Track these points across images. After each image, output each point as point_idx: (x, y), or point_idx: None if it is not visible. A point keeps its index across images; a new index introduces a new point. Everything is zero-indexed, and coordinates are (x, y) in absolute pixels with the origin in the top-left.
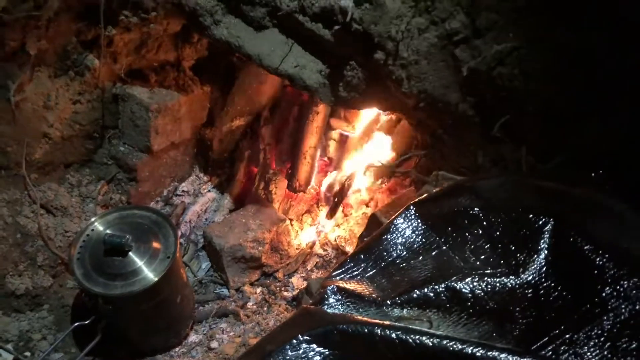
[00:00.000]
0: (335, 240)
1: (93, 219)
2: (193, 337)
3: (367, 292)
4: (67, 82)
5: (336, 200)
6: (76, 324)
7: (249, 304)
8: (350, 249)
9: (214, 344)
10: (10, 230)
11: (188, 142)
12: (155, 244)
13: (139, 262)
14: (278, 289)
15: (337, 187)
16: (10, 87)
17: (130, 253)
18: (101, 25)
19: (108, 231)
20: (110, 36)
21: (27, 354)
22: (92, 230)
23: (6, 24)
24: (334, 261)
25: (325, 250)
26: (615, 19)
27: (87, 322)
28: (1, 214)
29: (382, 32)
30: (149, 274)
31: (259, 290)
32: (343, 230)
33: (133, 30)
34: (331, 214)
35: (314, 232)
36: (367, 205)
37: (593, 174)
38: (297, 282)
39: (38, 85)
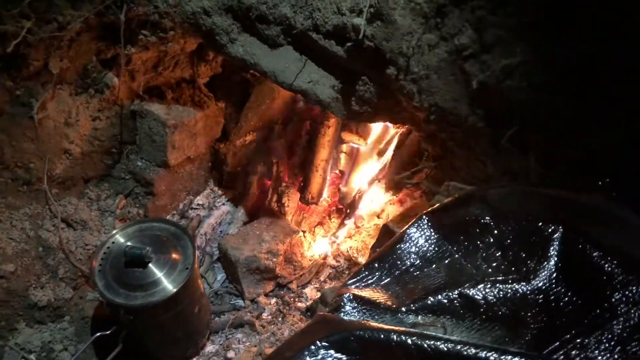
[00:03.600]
0: (347, 251)
1: (114, 232)
2: (210, 348)
3: (382, 300)
4: (87, 99)
5: (348, 212)
6: (98, 334)
7: (264, 315)
8: (362, 259)
9: (231, 354)
10: (32, 244)
11: (203, 156)
12: (174, 256)
13: (159, 274)
14: (292, 299)
15: (348, 200)
16: (33, 105)
17: (150, 264)
18: (121, 44)
19: (129, 243)
20: (129, 55)
21: None
22: (113, 242)
23: (31, 44)
24: (347, 272)
25: (337, 261)
26: (618, 32)
27: (107, 332)
28: (23, 227)
29: (394, 48)
30: (169, 285)
31: (273, 301)
32: (355, 241)
33: (151, 49)
34: (342, 226)
35: (327, 243)
36: (378, 217)
37: (600, 182)
38: (311, 292)
39: (59, 103)
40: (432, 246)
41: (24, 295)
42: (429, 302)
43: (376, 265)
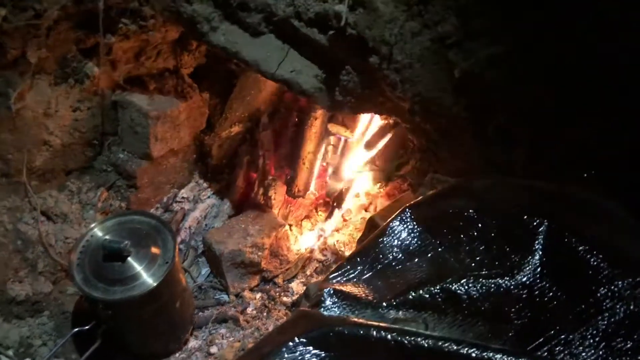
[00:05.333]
0: (334, 245)
1: (92, 225)
2: (193, 343)
3: (364, 295)
4: (67, 89)
5: (335, 205)
6: (76, 329)
7: (249, 310)
8: (349, 253)
9: (214, 349)
10: (10, 237)
11: (187, 148)
12: (154, 249)
13: (138, 267)
14: (278, 294)
15: (335, 193)
16: (10, 95)
17: (129, 258)
18: (100, 33)
19: (107, 237)
20: (110, 44)
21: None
22: (92, 236)
23: (7, 32)
24: (334, 266)
25: (324, 255)
26: (604, 23)
27: (87, 327)
28: (2, 220)
29: (376, 36)
30: (148, 279)
31: (258, 295)
32: (342, 235)
33: (132, 38)
34: (329, 219)
35: (314, 237)
36: (366, 210)
37: (585, 174)
38: (297, 287)
39: (38, 93)
40: (415, 240)
41: (1, 289)
42: (410, 297)
43: (358, 259)
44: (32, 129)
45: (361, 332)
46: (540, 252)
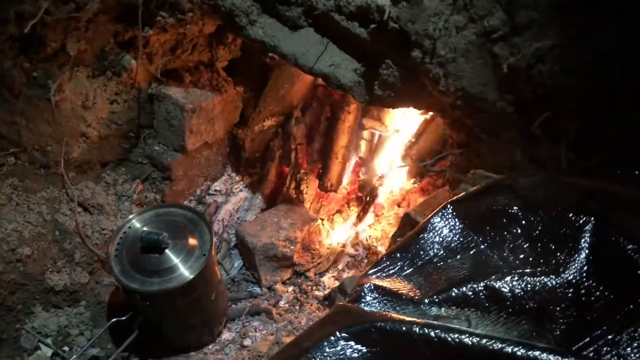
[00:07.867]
0: (366, 240)
1: (130, 217)
2: (226, 335)
3: (404, 291)
4: (105, 82)
5: (367, 200)
6: (114, 319)
7: (281, 303)
8: (382, 248)
9: (247, 342)
10: (49, 228)
11: (221, 141)
12: (191, 242)
13: (175, 260)
14: (310, 288)
15: (368, 188)
16: (50, 86)
17: (166, 250)
18: (138, 26)
19: (145, 228)
20: (147, 37)
21: (66, 348)
22: (130, 227)
23: (48, 25)
24: (365, 261)
25: (356, 250)
26: None
27: (123, 318)
28: (40, 211)
29: (420, 30)
30: (185, 271)
31: (290, 289)
32: (374, 230)
33: (169, 31)
34: (362, 214)
35: (345, 231)
36: (399, 205)
37: (636, 172)
38: (329, 281)
39: (77, 85)
40: (457, 236)
41: (40, 279)
42: (453, 294)
43: (398, 255)
44: (70, 120)
45: (403, 328)
46: (587, 251)
